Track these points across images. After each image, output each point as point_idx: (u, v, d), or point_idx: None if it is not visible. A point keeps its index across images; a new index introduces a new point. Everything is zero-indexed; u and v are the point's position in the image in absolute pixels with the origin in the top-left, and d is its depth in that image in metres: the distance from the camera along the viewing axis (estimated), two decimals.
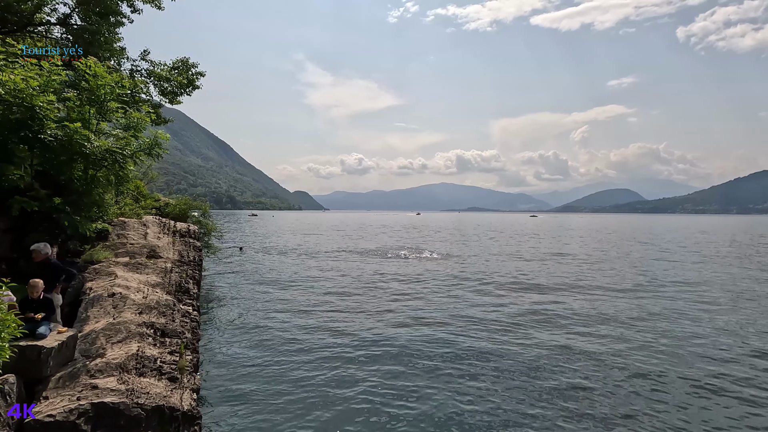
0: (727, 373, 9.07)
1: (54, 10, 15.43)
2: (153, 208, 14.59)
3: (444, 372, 9.03)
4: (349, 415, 7.14)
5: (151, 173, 19.32)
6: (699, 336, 11.67)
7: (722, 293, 17.86)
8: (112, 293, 7.52)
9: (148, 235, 11.10)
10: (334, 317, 13.32)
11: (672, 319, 13.46)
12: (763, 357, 10.00)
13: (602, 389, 8.25)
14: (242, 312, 13.81)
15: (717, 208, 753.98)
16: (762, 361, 9.73)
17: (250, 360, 9.52)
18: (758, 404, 7.70)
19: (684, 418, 7.21)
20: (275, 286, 18.58)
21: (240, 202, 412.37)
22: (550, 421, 7.05)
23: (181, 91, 16.69)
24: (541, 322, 13.00)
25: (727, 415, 7.34)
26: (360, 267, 24.83)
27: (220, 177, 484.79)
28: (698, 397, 7.97)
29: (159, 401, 5.11)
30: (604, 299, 16.34)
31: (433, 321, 13.03)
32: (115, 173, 9.81)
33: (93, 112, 9.64)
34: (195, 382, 6.14)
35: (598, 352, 10.24)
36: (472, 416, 7.18)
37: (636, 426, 6.93)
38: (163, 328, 6.90)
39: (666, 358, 9.97)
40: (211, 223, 19.32)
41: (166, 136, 10.78)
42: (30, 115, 8.19)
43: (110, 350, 5.91)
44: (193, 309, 8.65)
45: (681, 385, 8.47)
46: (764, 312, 14.46)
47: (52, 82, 8.73)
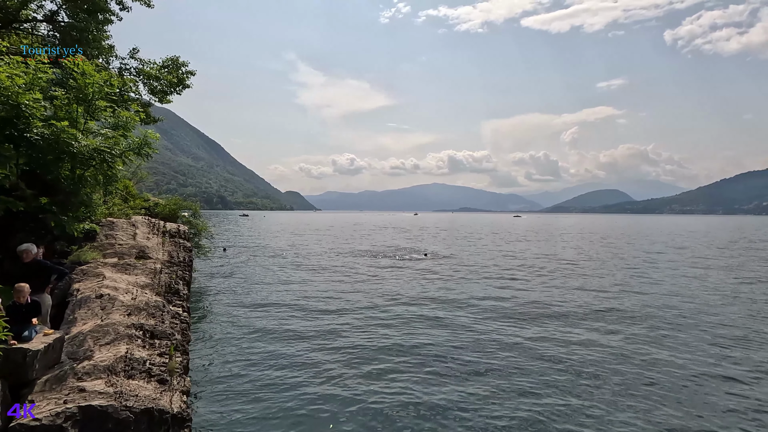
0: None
1: (41, 7, 15.18)
2: (142, 208, 14.40)
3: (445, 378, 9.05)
4: (341, 418, 7.11)
5: (141, 173, 19.08)
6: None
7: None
8: (100, 294, 7.40)
9: (137, 235, 10.96)
10: (327, 318, 13.27)
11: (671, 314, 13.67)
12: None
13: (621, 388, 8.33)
14: (233, 313, 13.71)
15: (704, 209, 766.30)
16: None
17: (241, 361, 9.44)
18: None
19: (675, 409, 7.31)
20: (267, 287, 18.47)
21: (231, 203, 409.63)
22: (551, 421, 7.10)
23: (171, 90, 16.51)
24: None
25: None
26: (353, 268, 24.79)
27: (210, 177, 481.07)
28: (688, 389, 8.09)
29: (148, 404, 5.04)
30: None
31: (434, 320, 13.06)
32: (103, 173, 9.66)
33: (81, 111, 9.49)
34: (185, 384, 6.07)
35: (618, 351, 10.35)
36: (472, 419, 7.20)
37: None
38: (152, 330, 6.81)
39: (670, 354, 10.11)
40: (201, 224, 19.16)
41: (155, 136, 10.65)
42: (15, 114, 8.03)
43: (98, 352, 5.81)
44: (183, 310, 8.55)
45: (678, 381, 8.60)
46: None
47: (38, 80, 8.58)
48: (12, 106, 7.93)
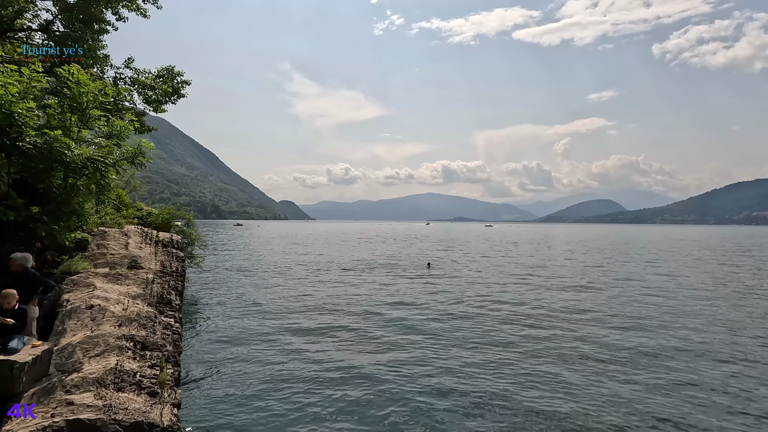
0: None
1: (36, 16, 15.19)
2: (135, 217, 14.27)
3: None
4: (334, 430, 7.02)
5: (134, 182, 18.97)
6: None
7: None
8: (91, 305, 7.30)
9: (130, 245, 10.85)
10: (321, 330, 13.16)
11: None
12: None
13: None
14: (226, 323, 13.56)
15: (695, 219, 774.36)
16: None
17: (233, 374, 9.32)
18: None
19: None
20: (261, 298, 18.31)
21: (225, 212, 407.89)
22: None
23: (166, 100, 16.51)
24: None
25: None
26: (346, 277, 24.68)
27: (204, 186, 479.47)
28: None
29: (138, 417, 4.94)
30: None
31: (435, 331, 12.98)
32: (96, 182, 9.58)
33: (74, 120, 9.44)
34: (176, 397, 5.96)
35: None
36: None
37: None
38: (143, 341, 6.71)
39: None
40: (194, 233, 19.03)
41: (150, 145, 10.61)
42: (8, 122, 7.98)
43: (87, 364, 5.71)
44: (175, 321, 8.44)
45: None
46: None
47: (32, 88, 8.55)
48: (5, 114, 7.88)
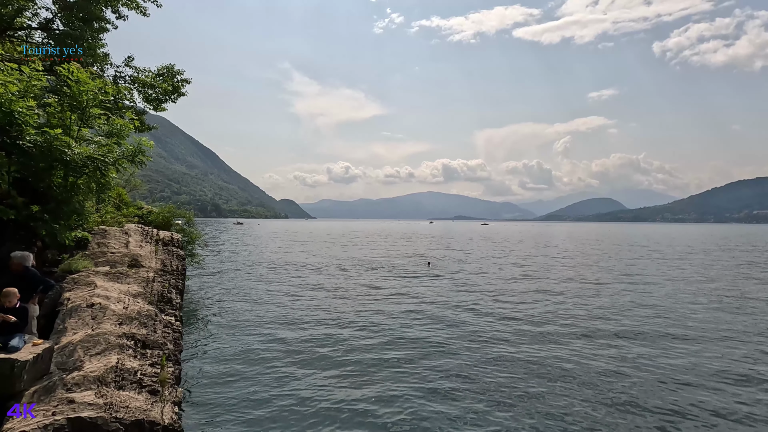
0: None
1: (36, 15, 15.18)
2: (135, 216, 14.30)
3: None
4: (336, 430, 7.03)
5: (135, 181, 19.00)
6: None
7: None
8: (91, 304, 7.31)
9: (130, 243, 10.86)
10: (323, 329, 13.16)
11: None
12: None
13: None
14: (227, 322, 13.57)
15: (695, 217, 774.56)
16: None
17: (234, 372, 9.32)
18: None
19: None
20: (263, 296, 18.33)
21: (225, 211, 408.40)
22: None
23: (166, 98, 16.53)
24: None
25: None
26: (346, 276, 24.70)
27: (204, 185, 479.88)
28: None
29: (139, 415, 4.96)
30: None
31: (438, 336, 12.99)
32: (96, 181, 9.60)
33: (74, 119, 9.45)
34: (177, 395, 5.98)
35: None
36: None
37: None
38: (144, 339, 6.72)
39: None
40: (195, 232, 19.05)
41: (150, 144, 10.62)
42: (8, 121, 7.99)
43: (88, 363, 5.72)
44: (175, 319, 8.45)
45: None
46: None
47: (32, 87, 8.56)
48: (5, 113, 7.90)
